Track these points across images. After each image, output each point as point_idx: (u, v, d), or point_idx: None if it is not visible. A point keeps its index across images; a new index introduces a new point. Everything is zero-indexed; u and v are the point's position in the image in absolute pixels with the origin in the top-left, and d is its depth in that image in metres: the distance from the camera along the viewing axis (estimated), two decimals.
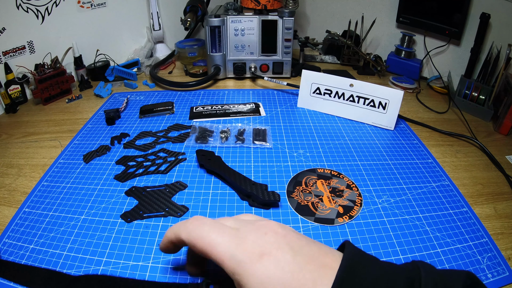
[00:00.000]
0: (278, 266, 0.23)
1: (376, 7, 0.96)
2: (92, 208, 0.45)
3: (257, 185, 0.46)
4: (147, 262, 0.37)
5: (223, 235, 0.26)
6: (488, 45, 0.72)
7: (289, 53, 0.84)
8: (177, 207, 0.44)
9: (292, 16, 0.80)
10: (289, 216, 0.43)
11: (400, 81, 0.85)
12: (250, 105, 0.72)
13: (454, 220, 0.43)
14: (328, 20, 1.08)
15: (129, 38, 0.99)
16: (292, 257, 0.24)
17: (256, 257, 0.24)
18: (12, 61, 0.73)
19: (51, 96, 0.76)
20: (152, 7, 0.96)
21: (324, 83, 0.68)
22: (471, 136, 0.63)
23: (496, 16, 0.70)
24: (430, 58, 0.88)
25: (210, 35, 0.81)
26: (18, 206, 0.46)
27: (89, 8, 0.87)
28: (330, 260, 0.24)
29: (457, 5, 0.78)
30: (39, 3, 0.77)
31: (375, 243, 0.39)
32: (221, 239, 0.26)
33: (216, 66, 0.85)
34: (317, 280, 0.22)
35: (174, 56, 1.01)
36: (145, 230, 0.41)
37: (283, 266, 0.23)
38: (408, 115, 0.70)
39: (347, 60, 0.97)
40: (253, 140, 0.59)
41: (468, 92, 0.72)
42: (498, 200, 0.48)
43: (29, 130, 0.66)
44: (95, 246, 0.39)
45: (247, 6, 0.83)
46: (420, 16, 0.86)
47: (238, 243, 0.25)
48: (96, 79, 0.87)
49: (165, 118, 0.68)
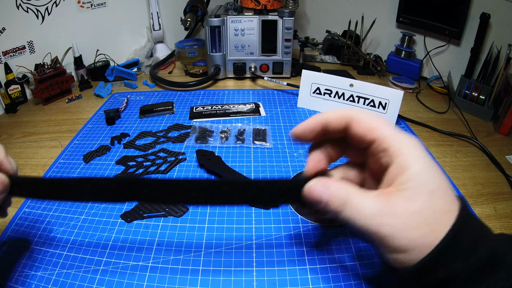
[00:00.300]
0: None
1: (376, 7, 0.96)
2: (92, 208, 0.45)
3: None
4: (147, 262, 0.37)
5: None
6: (488, 45, 0.72)
7: (289, 53, 0.84)
8: (177, 207, 0.44)
9: (292, 16, 0.80)
10: (289, 216, 0.43)
11: (400, 81, 0.85)
12: (250, 105, 0.72)
13: None
14: (328, 20, 1.08)
15: (129, 38, 0.99)
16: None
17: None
18: (12, 61, 0.73)
19: (51, 96, 0.76)
20: (152, 7, 0.96)
21: (324, 83, 0.68)
22: (471, 136, 0.63)
23: (496, 16, 0.70)
24: (430, 58, 0.88)
25: (210, 35, 0.81)
26: (18, 206, 0.46)
27: (89, 8, 0.87)
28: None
29: (457, 5, 0.78)
30: (39, 3, 0.77)
31: None
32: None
33: (216, 66, 0.85)
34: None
35: (174, 56, 1.01)
36: (145, 230, 0.41)
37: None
38: (408, 115, 0.70)
39: (347, 60, 0.97)
40: (253, 140, 0.59)
41: (468, 92, 0.72)
42: (498, 200, 0.48)
43: (29, 130, 0.66)
44: (95, 246, 0.39)
45: (247, 6, 0.83)
46: (420, 16, 0.86)
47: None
48: (96, 79, 0.87)
49: (165, 118, 0.68)
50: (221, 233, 0.41)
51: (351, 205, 0.23)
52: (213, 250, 0.38)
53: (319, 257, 0.37)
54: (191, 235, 0.40)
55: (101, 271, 0.36)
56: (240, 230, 0.41)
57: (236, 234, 0.40)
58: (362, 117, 0.24)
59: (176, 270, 0.36)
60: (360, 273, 0.35)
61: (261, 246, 0.39)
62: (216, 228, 0.41)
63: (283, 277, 0.35)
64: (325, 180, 0.26)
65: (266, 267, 0.36)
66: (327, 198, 0.24)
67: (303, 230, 0.41)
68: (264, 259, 0.37)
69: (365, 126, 0.24)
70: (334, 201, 0.24)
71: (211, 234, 0.40)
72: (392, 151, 0.23)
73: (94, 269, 0.36)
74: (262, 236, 0.40)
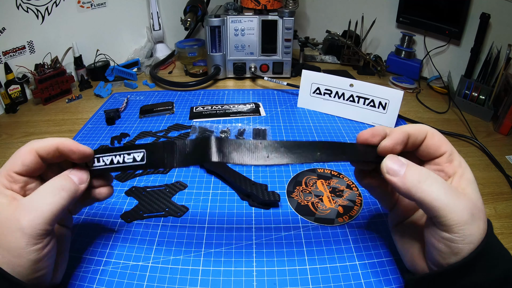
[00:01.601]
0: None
1: (376, 7, 0.96)
2: (92, 208, 0.45)
3: (257, 185, 0.46)
4: (147, 262, 0.37)
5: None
6: (488, 45, 0.72)
7: (289, 53, 0.84)
8: (177, 207, 0.44)
9: (292, 16, 0.80)
10: (289, 216, 0.43)
11: (400, 81, 0.85)
12: (250, 105, 0.72)
13: None
14: (328, 20, 1.08)
15: (129, 38, 0.99)
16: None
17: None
18: (12, 61, 0.73)
19: (51, 96, 0.76)
20: (152, 7, 0.96)
21: (324, 83, 0.68)
22: (471, 136, 0.63)
23: (496, 16, 0.70)
24: (430, 58, 0.88)
25: (210, 35, 0.81)
26: None
27: (89, 8, 0.87)
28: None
29: (457, 5, 0.78)
30: (39, 3, 0.77)
31: (375, 243, 0.39)
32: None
33: (216, 66, 0.85)
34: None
35: (174, 56, 1.01)
36: (145, 230, 0.41)
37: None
38: (408, 115, 0.70)
39: (347, 60, 0.97)
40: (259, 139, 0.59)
41: (468, 92, 0.72)
42: (498, 200, 0.48)
43: (29, 130, 0.66)
44: (95, 246, 0.39)
45: (247, 6, 0.83)
46: (420, 16, 0.86)
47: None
48: (96, 79, 0.87)
49: (165, 118, 0.68)
50: (221, 233, 0.41)
51: (426, 185, 0.26)
52: (213, 250, 0.38)
53: (319, 257, 0.37)
54: (191, 235, 0.40)
55: (101, 271, 0.36)
56: (240, 230, 0.41)
57: (236, 234, 0.40)
58: (435, 132, 0.30)
59: (176, 270, 0.36)
60: (360, 273, 0.35)
61: (261, 246, 0.39)
62: (216, 228, 0.41)
63: (283, 277, 0.35)
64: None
65: (266, 267, 0.36)
66: (405, 171, 0.28)
67: (303, 230, 0.41)
68: (264, 259, 0.37)
69: (439, 140, 0.30)
70: (411, 175, 0.27)
71: (211, 234, 0.40)
72: (457, 163, 0.29)
73: (94, 269, 0.36)
74: (262, 236, 0.40)
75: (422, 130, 0.30)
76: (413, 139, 0.29)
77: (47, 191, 0.28)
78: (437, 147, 0.29)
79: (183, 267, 0.36)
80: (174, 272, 0.36)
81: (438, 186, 0.26)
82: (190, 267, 0.36)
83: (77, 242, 0.39)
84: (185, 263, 0.37)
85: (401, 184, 0.27)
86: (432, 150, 0.30)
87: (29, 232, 0.25)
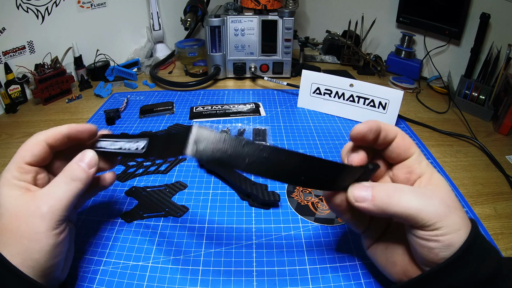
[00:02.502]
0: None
1: (376, 7, 0.96)
2: (92, 208, 0.45)
3: (257, 185, 0.46)
4: (147, 262, 0.37)
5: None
6: (488, 45, 0.72)
7: (289, 53, 0.84)
8: (177, 207, 0.44)
9: (292, 16, 0.80)
10: (289, 216, 0.43)
11: (400, 81, 0.85)
12: (250, 105, 0.72)
13: None
14: (328, 20, 1.08)
15: (129, 38, 0.99)
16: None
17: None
18: (12, 61, 0.73)
19: (51, 96, 0.76)
20: (152, 7, 0.96)
21: (324, 83, 0.68)
22: (471, 136, 0.63)
23: (496, 16, 0.70)
24: (430, 58, 0.88)
25: (210, 35, 0.81)
26: None
27: (89, 8, 0.87)
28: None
29: (457, 5, 0.78)
30: (39, 3, 0.77)
31: None
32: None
33: (216, 66, 0.85)
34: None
35: (174, 56, 1.01)
36: (145, 230, 0.41)
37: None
38: (408, 115, 0.70)
39: (347, 60, 0.97)
40: (253, 140, 0.59)
41: (468, 92, 0.72)
42: (498, 200, 0.48)
43: (29, 130, 0.66)
44: (95, 246, 0.39)
45: (247, 6, 0.83)
46: (420, 16, 0.86)
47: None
48: (96, 79, 0.87)
49: (165, 118, 0.68)
50: (221, 233, 0.41)
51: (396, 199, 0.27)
52: (213, 250, 0.38)
53: (319, 257, 0.37)
54: (191, 235, 0.40)
55: (101, 271, 0.36)
56: (240, 230, 0.41)
57: (236, 234, 0.40)
58: (405, 134, 0.30)
59: (176, 270, 0.36)
60: (360, 273, 0.35)
61: (261, 246, 0.39)
62: (216, 228, 0.41)
63: (283, 277, 0.35)
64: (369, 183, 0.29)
65: (266, 267, 0.36)
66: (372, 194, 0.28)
67: (303, 230, 0.41)
68: (264, 259, 0.37)
69: (409, 141, 0.30)
70: (379, 196, 0.27)
71: (211, 234, 0.40)
72: (425, 164, 0.30)
73: (94, 269, 0.36)
74: (262, 236, 0.40)
75: (393, 129, 0.30)
76: (385, 134, 0.29)
77: (62, 181, 0.30)
78: (407, 148, 0.30)
79: (183, 267, 0.36)
80: (174, 272, 0.36)
81: (408, 195, 0.27)
82: (190, 267, 0.36)
83: (77, 242, 0.39)
84: (185, 263, 0.37)
85: (373, 207, 0.27)
86: (402, 150, 0.30)
87: (49, 217, 0.27)
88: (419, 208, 0.26)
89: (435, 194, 0.27)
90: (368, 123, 0.29)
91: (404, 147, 0.30)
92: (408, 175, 0.30)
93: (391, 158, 0.31)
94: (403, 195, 0.27)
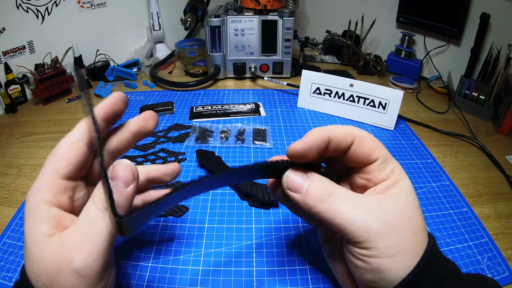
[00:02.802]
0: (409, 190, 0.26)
1: (376, 7, 0.96)
2: None
3: (257, 185, 0.46)
4: (147, 262, 0.37)
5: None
6: (488, 45, 0.72)
7: (289, 53, 0.84)
8: (177, 207, 0.44)
9: (292, 16, 0.80)
10: (289, 216, 0.43)
11: (400, 81, 0.85)
12: (250, 105, 0.72)
13: (454, 220, 0.43)
14: (328, 20, 1.08)
15: (129, 38, 0.99)
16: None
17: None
18: (12, 61, 0.73)
19: (51, 96, 0.76)
20: (152, 7, 0.96)
21: (324, 83, 0.68)
22: (471, 136, 0.63)
23: (496, 16, 0.70)
24: (430, 58, 0.88)
25: (210, 35, 0.81)
26: (18, 206, 0.46)
27: (89, 8, 0.87)
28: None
29: (457, 5, 0.78)
30: (39, 3, 0.77)
31: None
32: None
33: (216, 66, 0.85)
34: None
35: (174, 56, 1.01)
36: (145, 230, 0.41)
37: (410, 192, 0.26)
38: (408, 115, 0.70)
39: (347, 60, 0.97)
40: (253, 140, 0.59)
41: (468, 92, 0.72)
42: (498, 200, 0.48)
43: (29, 130, 0.66)
44: None
45: (247, 6, 0.83)
46: (420, 16, 0.86)
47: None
48: (96, 79, 0.87)
49: (165, 118, 0.68)
50: (221, 233, 0.41)
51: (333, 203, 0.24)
52: (213, 250, 0.38)
53: (319, 257, 0.37)
54: (191, 235, 0.40)
55: None
56: (240, 230, 0.41)
57: (236, 234, 0.40)
58: (367, 137, 0.26)
59: (176, 270, 0.36)
60: None
61: (261, 246, 0.39)
62: (216, 228, 0.41)
63: (283, 277, 0.35)
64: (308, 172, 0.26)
65: (266, 267, 0.36)
66: (306, 189, 0.24)
67: (303, 230, 0.41)
68: (264, 259, 0.37)
69: (369, 147, 0.26)
70: (314, 194, 0.24)
71: (211, 234, 0.40)
72: (389, 170, 0.26)
73: None
74: (262, 236, 0.40)
75: (348, 135, 0.25)
76: (335, 145, 0.25)
77: (94, 214, 0.22)
78: (366, 155, 0.25)
79: (183, 267, 0.36)
80: (174, 272, 0.36)
81: (343, 202, 0.23)
82: (190, 267, 0.36)
83: None
84: (185, 263, 0.37)
85: (302, 204, 0.24)
86: (360, 158, 0.25)
87: (87, 274, 0.21)
88: (349, 219, 0.22)
89: (381, 207, 0.23)
90: (310, 138, 0.24)
91: (362, 154, 0.25)
92: (365, 182, 0.26)
93: (350, 163, 0.27)
94: (337, 200, 0.23)
